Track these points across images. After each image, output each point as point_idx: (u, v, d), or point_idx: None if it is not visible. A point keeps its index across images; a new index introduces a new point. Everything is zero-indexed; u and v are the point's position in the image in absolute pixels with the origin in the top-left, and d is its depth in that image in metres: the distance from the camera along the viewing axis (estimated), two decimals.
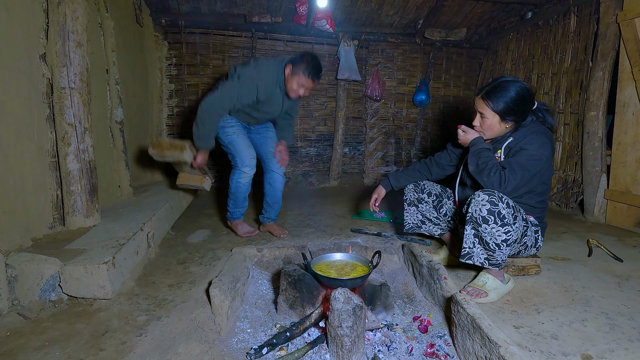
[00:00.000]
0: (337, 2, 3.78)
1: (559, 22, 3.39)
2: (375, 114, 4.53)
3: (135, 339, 1.30)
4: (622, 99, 2.71)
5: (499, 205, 1.46)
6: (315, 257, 1.67)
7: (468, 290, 1.62)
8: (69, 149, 1.93)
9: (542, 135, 1.59)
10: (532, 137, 1.58)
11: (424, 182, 2.02)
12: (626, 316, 1.42)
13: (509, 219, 1.46)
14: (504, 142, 1.66)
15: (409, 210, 2.05)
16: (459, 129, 1.74)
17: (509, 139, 1.65)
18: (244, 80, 2.14)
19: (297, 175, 4.41)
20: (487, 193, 1.48)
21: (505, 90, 1.59)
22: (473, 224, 1.53)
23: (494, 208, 1.46)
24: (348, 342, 1.23)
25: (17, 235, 1.65)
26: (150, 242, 2.09)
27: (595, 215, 2.84)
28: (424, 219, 2.02)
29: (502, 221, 1.46)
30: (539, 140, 1.56)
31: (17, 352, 1.22)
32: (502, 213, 1.45)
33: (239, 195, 2.36)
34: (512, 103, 1.58)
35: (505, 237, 1.48)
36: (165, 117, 3.98)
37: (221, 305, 1.46)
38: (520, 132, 1.64)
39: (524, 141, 1.59)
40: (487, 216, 1.47)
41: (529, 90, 1.62)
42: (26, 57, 1.74)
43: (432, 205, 1.98)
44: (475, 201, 1.50)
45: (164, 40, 3.87)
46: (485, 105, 1.63)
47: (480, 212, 1.48)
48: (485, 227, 1.49)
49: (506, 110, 1.59)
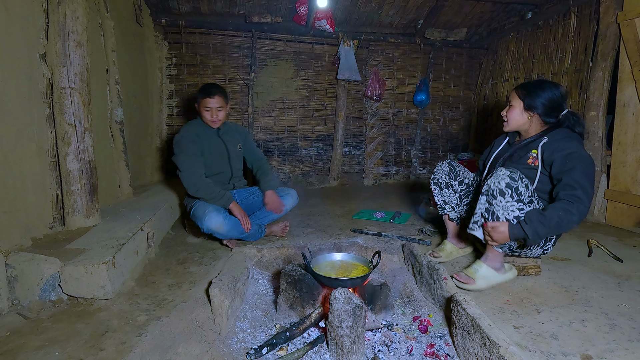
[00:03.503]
0: (337, 2, 3.78)
1: (559, 22, 3.39)
2: (375, 114, 4.53)
3: (135, 339, 1.30)
4: (622, 99, 2.71)
5: (519, 182, 1.47)
6: (315, 257, 1.67)
7: (460, 275, 1.64)
8: (69, 149, 1.93)
9: (578, 140, 1.59)
10: (571, 140, 1.56)
11: (460, 168, 1.99)
12: (626, 316, 1.42)
13: (525, 198, 1.48)
14: (540, 142, 1.63)
15: (434, 189, 2.03)
16: (486, 228, 1.57)
17: (544, 138, 1.62)
18: (183, 141, 2.22)
19: (297, 175, 4.41)
20: (510, 169, 1.49)
21: (538, 87, 1.66)
22: (489, 197, 1.54)
23: (513, 183, 1.47)
24: (348, 342, 1.23)
25: (17, 235, 1.65)
26: (150, 242, 2.09)
27: (595, 215, 2.84)
28: (446, 200, 2.01)
29: (518, 197, 1.47)
30: (579, 143, 1.57)
31: (17, 352, 1.22)
32: (520, 190, 1.47)
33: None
34: (538, 96, 1.63)
35: (517, 214, 1.48)
36: (165, 117, 3.98)
37: (221, 305, 1.46)
38: (553, 134, 1.63)
39: (564, 143, 1.55)
40: (505, 189, 1.47)
41: (561, 93, 1.65)
42: (26, 57, 1.74)
43: (458, 194, 1.98)
44: (496, 174, 1.51)
45: (164, 41, 3.87)
46: (516, 94, 1.70)
47: (498, 184, 1.48)
48: (500, 200, 1.49)
49: (532, 101, 1.64)
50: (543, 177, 1.61)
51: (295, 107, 4.31)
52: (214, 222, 2.07)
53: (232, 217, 2.14)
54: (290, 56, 4.18)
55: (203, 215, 2.09)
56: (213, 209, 2.10)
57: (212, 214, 2.08)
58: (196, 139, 2.25)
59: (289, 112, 4.30)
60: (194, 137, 2.25)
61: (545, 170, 1.60)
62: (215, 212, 2.09)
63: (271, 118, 4.25)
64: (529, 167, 1.63)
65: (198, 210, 2.14)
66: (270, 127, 4.27)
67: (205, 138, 2.30)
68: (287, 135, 4.32)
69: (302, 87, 4.28)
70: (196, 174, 2.16)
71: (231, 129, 2.46)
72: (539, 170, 1.61)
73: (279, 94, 4.23)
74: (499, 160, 1.78)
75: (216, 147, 2.34)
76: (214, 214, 2.08)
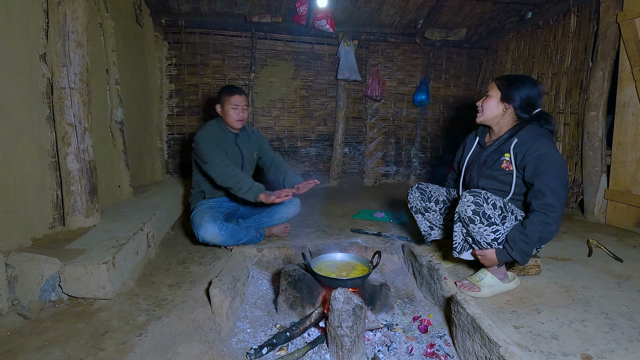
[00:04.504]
0: (337, 2, 3.78)
1: (559, 22, 3.39)
2: (375, 114, 4.53)
3: (135, 339, 1.30)
4: (622, 99, 2.71)
5: (484, 206, 1.48)
6: (315, 257, 1.67)
7: (463, 283, 1.65)
8: (69, 149, 1.93)
9: (548, 138, 1.59)
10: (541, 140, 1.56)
11: (429, 188, 1.94)
12: (626, 316, 1.42)
13: (495, 219, 1.49)
14: (510, 144, 1.63)
15: (417, 217, 2.00)
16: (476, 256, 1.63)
17: (514, 140, 1.62)
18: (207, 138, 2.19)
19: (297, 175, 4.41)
20: (473, 194, 1.51)
21: (518, 80, 1.66)
22: (462, 223, 1.57)
23: (479, 209, 1.48)
24: (348, 342, 1.23)
25: (17, 235, 1.65)
26: (150, 242, 2.08)
27: (595, 215, 2.84)
28: (432, 225, 1.99)
29: (488, 221, 1.49)
30: (550, 143, 1.56)
31: (17, 352, 1.22)
32: (487, 213, 1.48)
33: None
34: (517, 89, 1.63)
35: (494, 236, 1.51)
36: (165, 117, 3.97)
37: (221, 305, 1.46)
38: (523, 133, 1.62)
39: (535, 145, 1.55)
40: (473, 216, 1.49)
41: (539, 91, 1.65)
42: (26, 57, 1.74)
43: (439, 213, 1.94)
44: (461, 202, 1.53)
45: (164, 41, 3.86)
46: (495, 84, 1.70)
47: (466, 212, 1.51)
48: (473, 227, 1.51)
49: (510, 92, 1.64)
50: (519, 181, 1.62)
51: (295, 107, 4.31)
52: (209, 234, 2.04)
53: (228, 227, 2.09)
54: (290, 56, 4.18)
55: (199, 225, 2.06)
56: (209, 219, 2.06)
57: (208, 224, 2.04)
58: (219, 139, 2.24)
59: (289, 112, 4.30)
60: (217, 137, 2.24)
61: (520, 174, 1.61)
62: (211, 222, 2.05)
63: (271, 118, 4.25)
64: (505, 172, 1.63)
65: (196, 217, 2.12)
66: (270, 127, 4.26)
67: (223, 143, 2.27)
68: (287, 135, 4.32)
69: (302, 87, 4.28)
70: (223, 164, 2.11)
71: (248, 135, 2.44)
72: (514, 175, 1.61)
73: (278, 94, 4.23)
74: (474, 165, 1.75)
75: (232, 154, 2.30)
76: (210, 224, 2.04)
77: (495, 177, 1.66)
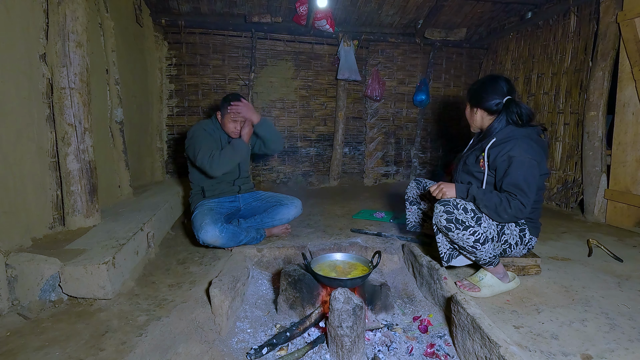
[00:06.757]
0: (337, 2, 3.78)
1: (559, 22, 3.39)
2: (375, 114, 4.53)
3: (135, 339, 1.30)
4: (622, 99, 2.71)
5: (455, 212, 1.52)
6: (315, 257, 1.67)
7: (464, 284, 1.66)
8: (69, 149, 1.93)
9: (526, 138, 1.59)
10: (516, 142, 1.57)
11: (426, 181, 2.03)
12: (626, 316, 1.42)
13: (470, 222, 1.51)
14: (488, 142, 1.66)
15: (410, 209, 2.07)
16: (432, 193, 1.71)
17: (493, 139, 1.66)
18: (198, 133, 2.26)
19: (297, 175, 4.41)
20: (443, 204, 1.54)
21: (475, 83, 1.78)
22: (442, 233, 1.62)
23: (451, 216, 1.52)
24: (348, 342, 1.23)
25: (17, 235, 1.65)
26: (150, 242, 2.08)
27: (595, 215, 2.84)
28: (425, 217, 2.02)
29: (462, 225, 1.51)
30: (524, 144, 1.56)
31: (17, 352, 1.22)
32: (459, 219, 1.51)
33: None
34: (474, 91, 1.75)
35: (474, 238, 1.52)
36: (165, 117, 3.97)
37: (221, 305, 1.46)
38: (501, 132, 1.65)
39: (508, 147, 1.57)
40: (448, 225, 1.53)
41: (492, 82, 1.70)
42: (26, 57, 1.74)
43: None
44: (435, 214, 1.57)
45: (164, 41, 3.86)
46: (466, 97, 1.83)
47: (441, 222, 1.54)
48: (452, 235, 1.54)
49: (470, 98, 1.77)
50: (490, 179, 1.66)
51: (295, 107, 4.31)
52: (210, 236, 2.02)
53: (228, 229, 2.08)
54: (290, 56, 4.18)
55: (199, 228, 2.04)
56: (210, 221, 2.04)
57: (208, 227, 2.02)
58: (211, 133, 2.29)
59: (289, 112, 4.30)
60: (210, 131, 2.29)
61: (492, 173, 1.66)
62: (211, 224, 2.03)
63: (271, 118, 4.24)
64: (479, 170, 1.70)
65: (196, 218, 2.10)
66: None
67: (217, 139, 2.30)
68: (287, 135, 4.32)
69: (302, 87, 4.28)
70: (209, 154, 2.15)
71: None
72: (485, 173, 1.67)
73: (278, 94, 4.23)
74: (461, 161, 1.83)
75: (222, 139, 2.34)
76: (210, 227, 2.02)
77: (471, 173, 1.74)
